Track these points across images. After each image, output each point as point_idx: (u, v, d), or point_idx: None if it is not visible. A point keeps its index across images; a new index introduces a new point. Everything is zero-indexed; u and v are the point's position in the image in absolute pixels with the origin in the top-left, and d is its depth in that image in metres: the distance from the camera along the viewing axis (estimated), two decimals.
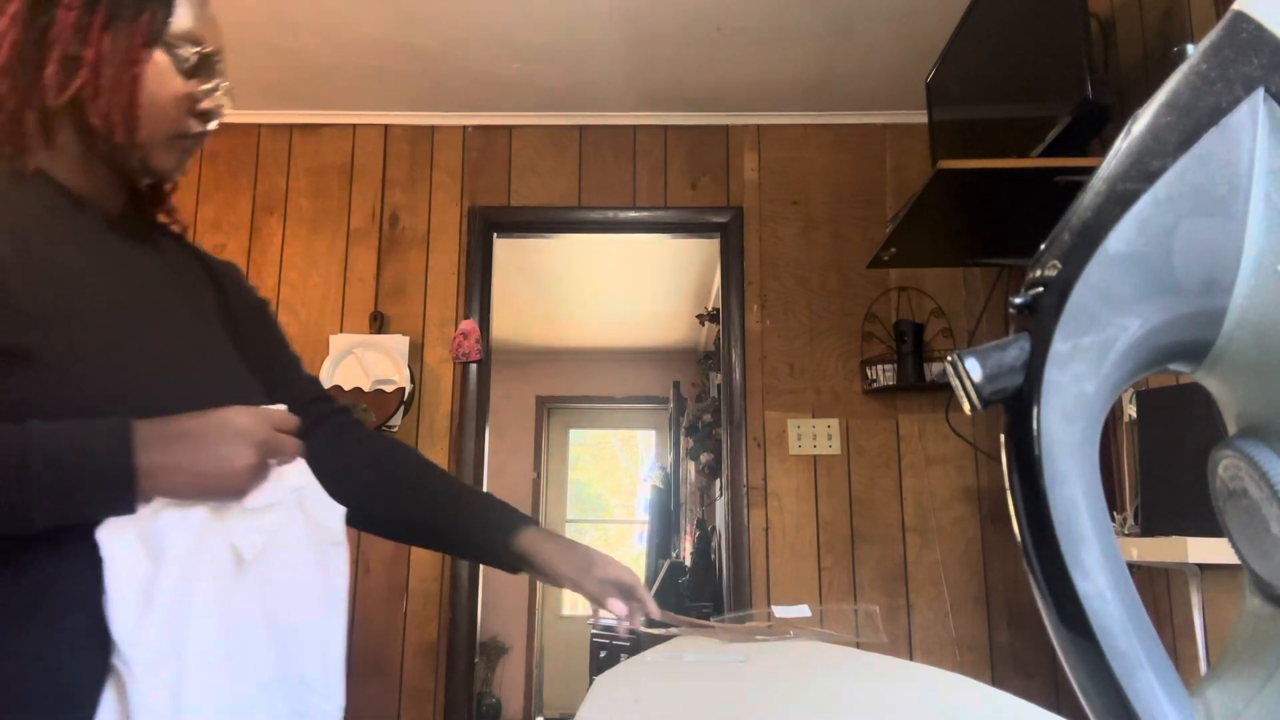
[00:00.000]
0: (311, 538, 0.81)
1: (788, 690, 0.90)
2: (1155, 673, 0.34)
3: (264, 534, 0.75)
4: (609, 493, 7.24)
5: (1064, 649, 0.36)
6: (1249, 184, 0.35)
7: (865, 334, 3.07)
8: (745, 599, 2.91)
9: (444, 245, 3.15)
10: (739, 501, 2.98)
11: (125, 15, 0.82)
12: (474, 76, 2.98)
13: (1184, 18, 1.93)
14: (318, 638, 0.80)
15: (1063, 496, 0.35)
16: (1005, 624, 2.87)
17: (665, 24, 2.69)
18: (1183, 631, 1.91)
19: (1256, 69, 0.35)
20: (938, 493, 2.96)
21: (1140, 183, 0.36)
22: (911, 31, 2.69)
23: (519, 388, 6.32)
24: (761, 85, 3.04)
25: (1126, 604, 0.35)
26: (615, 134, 3.25)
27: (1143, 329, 0.36)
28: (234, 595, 0.72)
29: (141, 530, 0.69)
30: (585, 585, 1.06)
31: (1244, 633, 0.40)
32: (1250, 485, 0.36)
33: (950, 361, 0.37)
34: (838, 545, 2.94)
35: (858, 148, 3.20)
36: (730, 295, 3.13)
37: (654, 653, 1.11)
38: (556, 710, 6.09)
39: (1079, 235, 0.37)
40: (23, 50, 0.80)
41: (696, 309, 5.23)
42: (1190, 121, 0.36)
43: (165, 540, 0.69)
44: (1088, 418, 0.36)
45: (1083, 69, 1.76)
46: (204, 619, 0.70)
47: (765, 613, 1.31)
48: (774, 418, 3.03)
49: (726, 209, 3.18)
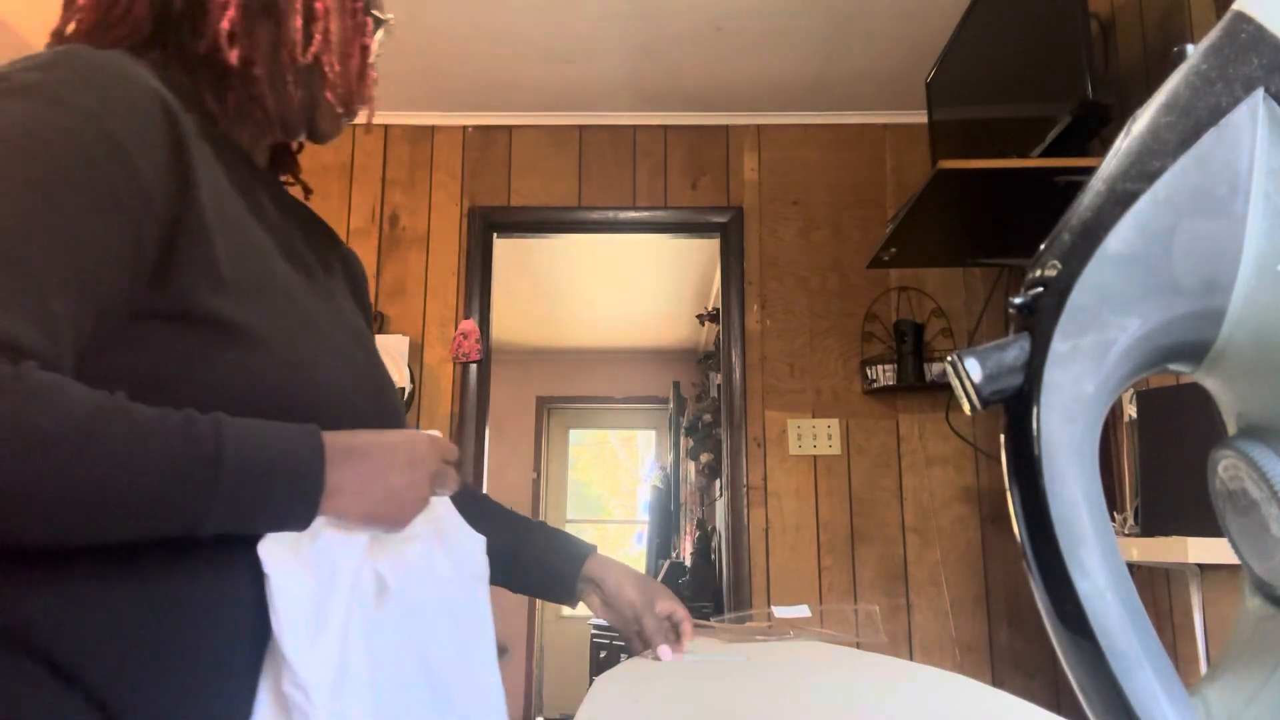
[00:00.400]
0: (454, 570, 0.76)
1: (788, 690, 0.90)
2: (1155, 672, 0.34)
3: (406, 564, 0.70)
4: (609, 493, 7.24)
5: (1064, 649, 0.36)
6: (1249, 184, 0.35)
7: (865, 334, 3.07)
8: (745, 599, 2.91)
9: (444, 245, 3.15)
10: (739, 501, 2.98)
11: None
12: (474, 76, 2.98)
13: (1184, 18, 1.93)
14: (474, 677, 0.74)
15: (1062, 496, 0.35)
16: (1005, 624, 2.87)
17: (665, 24, 2.69)
18: (1183, 631, 1.91)
19: (1256, 69, 0.35)
20: (938, 493, 2.96)
21: (1140, 183, 0.36)
22: (911, 31, 2.69)
23: (519, 388, 6.31)
24: (761, 85, 3.04)
25: (1126, 604, 0.35)
26: (615, 134, 3.25)
27: (1142, 329, 0.36)
28: (378, 625, 0.67)
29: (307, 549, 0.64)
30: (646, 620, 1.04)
31: (1244, 633, 0.40)
32: (1250, 485, 0.36)
33: (950, 361, 0.37)
34: (838, 545, 2.94)
35: (858, 148, 3.20)
36: (730, 295, 3.13)
37: None
38: (556, 710, 6.09)
39: (1079, 235, 0.37)
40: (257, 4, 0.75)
41: (696, 309, 5.23)
42: (1190, 121, 0.36)
43: (333, 562, 0.64)
44: (1087, 418, 0.36)
45: (1083, 69, 1.76)
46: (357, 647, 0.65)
47: (765, 613, 1.32)
48: (774, 418, 3.03)
49: (726, 209, 3.18)
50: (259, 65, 0.75)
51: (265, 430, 0.62)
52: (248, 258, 0.68)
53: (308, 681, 0.60)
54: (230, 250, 0.66)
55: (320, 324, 0.74)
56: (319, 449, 0.63)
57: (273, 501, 0.61)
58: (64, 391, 0.54)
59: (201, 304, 0.64)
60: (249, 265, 0.68)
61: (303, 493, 0.62)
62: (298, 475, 0.62)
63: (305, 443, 0.63)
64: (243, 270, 0.67)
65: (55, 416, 0.53)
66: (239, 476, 0.59)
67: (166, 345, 0.63)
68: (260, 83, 0.76)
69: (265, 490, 0.60)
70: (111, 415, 0.55)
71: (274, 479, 0.61)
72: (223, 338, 0.64)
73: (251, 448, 0.60)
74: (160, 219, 0.62)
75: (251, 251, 0.69)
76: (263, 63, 0.76)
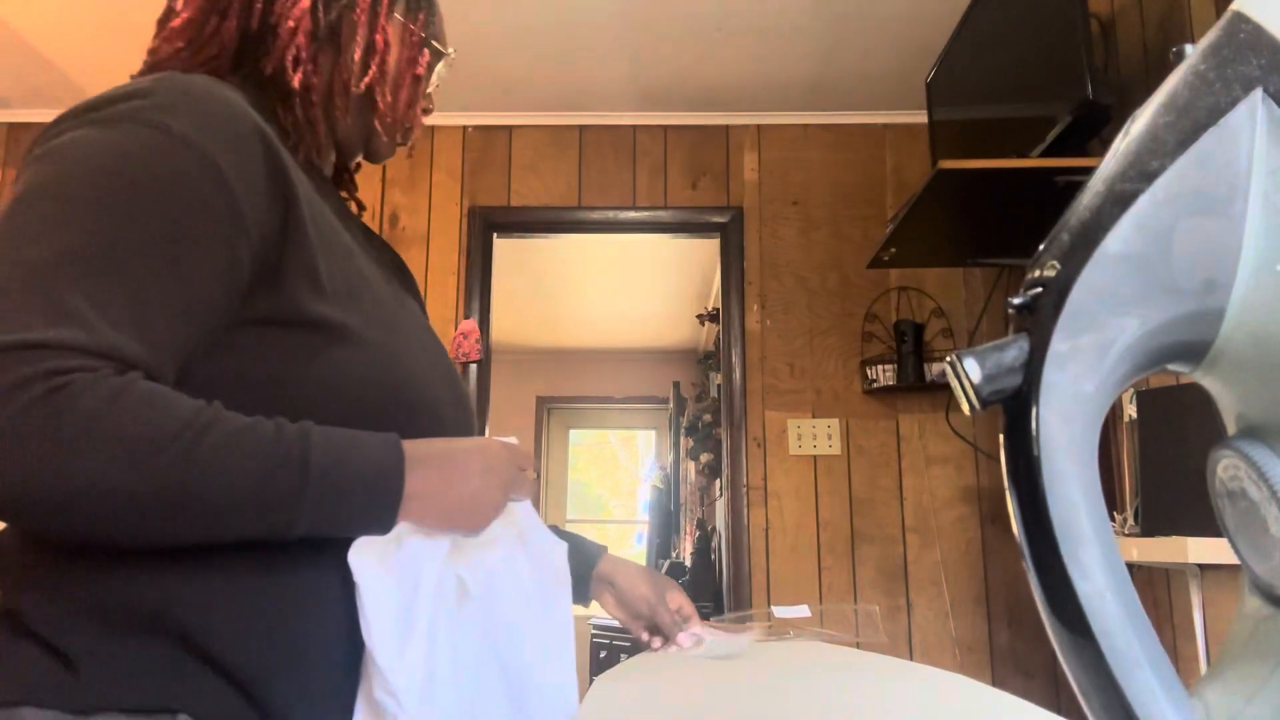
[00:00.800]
0: (535, 576, 0.76)
1: (788, 690, 0.90)
2: (1154, 672, 0.34)
3: (488, 568, 0.71)
4: (609, 493, 7.24)
5: (1063, 649, 0.36)
6: (1248, 184, 0.35)
7: (865, 334, 3.07)
8: (745, 599, 2.91)
9: (444, 245, 3.15)
10: (739, 501, 2.98)
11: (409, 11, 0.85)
12: (474, 76, 2.98)
13: (1184, 18, 1.93)
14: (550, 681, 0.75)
15: (1062, 496, 0.35)
16: (1005, 624, 2.87)
17: (665, 24, 2.69)
18: (1183, 631, 1.91)
19: (1255, 69, 0.35)
20: (938, 493, 2.96)
21: (1139, 183, 0.36)
22: (911, 31, 2.69)
23: (519, 388, 6.31)
24: (761, 85, 3.04)
25: (1125, 604, 0.35)
26: (615, 134, 3.25)
27: (1141, 329, 0.36)
28: (460, 628, 0.69)
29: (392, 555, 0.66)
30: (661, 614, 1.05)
31: (1243, 633, 0.40)
32: (1249, 485, 0.36)
33: (950, 362, 0.37)
34: (838, 545, 2.94)
35: (858, 148, 3.20)
36: (730, 295, 3.13)
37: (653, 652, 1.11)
38: None
39: (1078, 235, 0.37)
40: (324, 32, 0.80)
41: (696, 309, 5.22)
42: (1189, 121, 0.36)
43: (418, 568, 0.66)
44: (1087, 418, 0.36)
45: (1083, 69, 1.76)
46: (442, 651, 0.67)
47: (765, 613, 1.32)
48: (774, 418, 3.03)
49: (726, 209, 3.18)
50: (316, 90, 0.80)
51: (349, 438, 0.65)
52: (341, 264, 0.73)
53: (398, 687, 0.63)
54: (327, 259, 0.71)
55: (402, 323, 0.78)
56: (400, 456, 0.66)
57: (357, 505, 0.64)
58: (167, 399, 0.59)
59: (306, 308, 0.68)
60: (343, 271, 0.73)
61: (385, 498, 0.65)
62: (380, 481, 0.65)
63: (387, 450, 0.66)
64: (338, 276, 0.72)
65: (160, 423, 0.57)
66: (325, 481, 0.62)
67: (274, 346, 0.68)
68: (315, 106, 0.80)
69: (350, 495, 0.63)
70: (209, 422, 0.60)
71: (358, 484, 0.64)
72: (326, 337, 0.69)
73: (337, 454, 0.63)
74: (257, 238, 0.66)
75: (343, 258, 0.74)
76: (320, 88, 0.81)
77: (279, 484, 0.60)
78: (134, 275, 0.60)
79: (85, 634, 0.62)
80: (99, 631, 0.62)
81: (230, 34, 0.78)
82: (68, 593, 0.63)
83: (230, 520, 0.60)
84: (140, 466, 0.56)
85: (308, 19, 0.78)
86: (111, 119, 0.64)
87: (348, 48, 0.81)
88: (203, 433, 0.59)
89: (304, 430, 0.63)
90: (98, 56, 2.90)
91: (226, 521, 0.60)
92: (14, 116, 3.23)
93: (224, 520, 0.60)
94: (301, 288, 0.68)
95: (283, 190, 0.68)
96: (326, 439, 0.63)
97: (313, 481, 0.61)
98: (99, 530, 0.58)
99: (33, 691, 0.61)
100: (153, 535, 0.59)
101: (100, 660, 0.61)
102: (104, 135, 0.63)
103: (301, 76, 0.78)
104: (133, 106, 0.64)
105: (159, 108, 0.64)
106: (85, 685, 0.61)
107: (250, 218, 0.66)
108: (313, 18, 0.79)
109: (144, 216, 0.61)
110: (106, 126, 0.63)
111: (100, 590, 0.63)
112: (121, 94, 0.65)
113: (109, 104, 0.65)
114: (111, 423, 0.56)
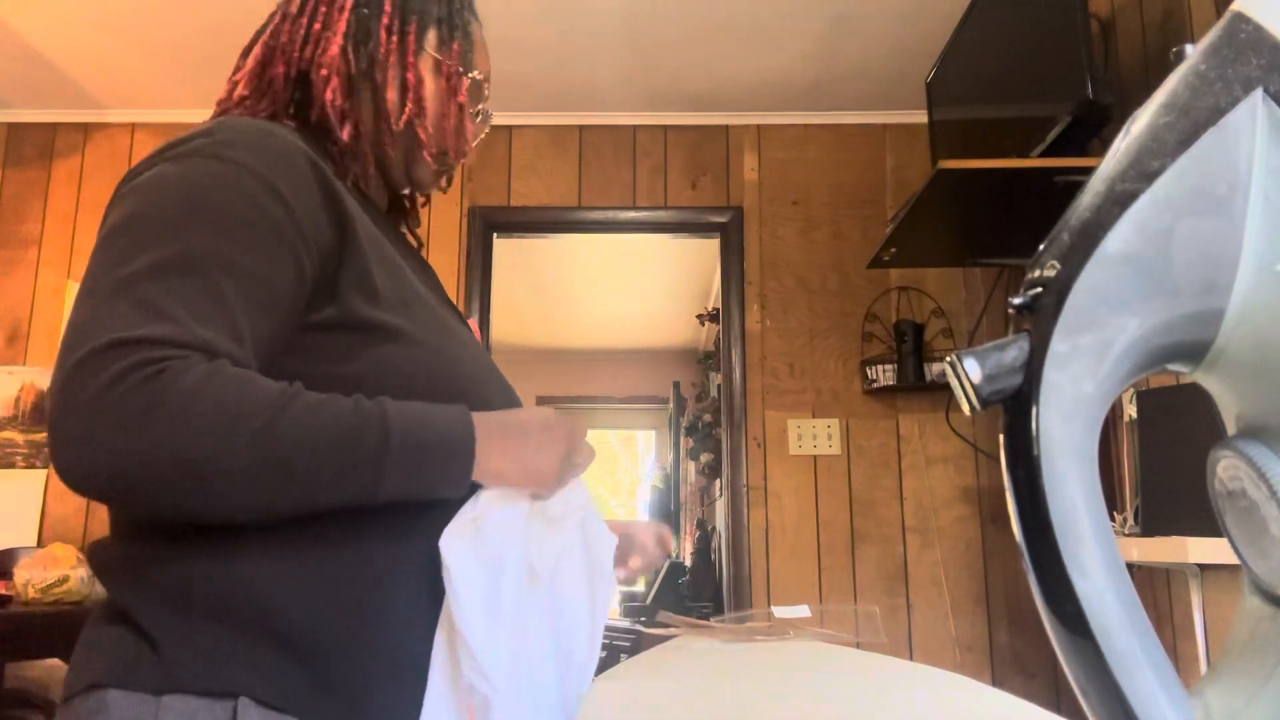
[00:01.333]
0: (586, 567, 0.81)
1: (788, 690, 0.90)
2: (1154, 672, 0.34)
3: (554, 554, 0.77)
4: (609, 493, 7.24)
5: (1063, 649, 0.36)
6: (1248, 184, 0.35)
7: (865, 334, 3.07)
8: (745, 599, 2.91)
9: (444, 245, 3.15)
10: (739, 501, 2.98)
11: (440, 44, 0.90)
12: None
13: (1184, 18, 1.93)
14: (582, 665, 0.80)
15: (1062, 496, 0.35)
16: (1005, 624, 2.87)
17: (665, 24, 2.69)
18: (1183, 631, 1.91)
19: (1255, 69, 0.35)
20: (938, 493, 2.96)
21: (1139, 183, 0.36)
22: (911, 31, 2.69)
23: (519, 388, 6.16)
24: (761, 85, 3.04)
25: (1125, 604, 0.35)
26: (615, 134, 3.25)
27: (1141, 329, 0.36)
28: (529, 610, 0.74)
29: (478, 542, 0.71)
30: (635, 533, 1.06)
31: (1243, 633, 0.40)
32: (1249, 485, 0.36)
33: (950, 362, 0.37)
34: (838, 545, 2.94)
35: (858, 148, 3.20)
36: (730, 295, 3.13)
37: (654, 652, 1.11)
38: None
39: (1078, 235, 0.37)
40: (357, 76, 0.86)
41: (696, 309, 5.23)
42: (1189, 121, 0.36)
43: (501, 553, 0.72)
44: (1087, 418, 0.36)
45: (1083, 69, 1.76)
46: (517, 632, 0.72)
47: (765, 613, 1.32)
48: (774, 418, 3.02)
49: (726, 209, 3.18)
50: (360, 128, 0.87)
51: (420, 407, 0.71)
52: (393, 278, 0.80)
53: (488, 667, 0.67)
54: (381, 272, 0.78)
55: (453, 328, 0.85)
56: (469, 418, 0.72)
57: (435, 467, 0.69)
58: (255, 379, 0.65)
59: (363, 314, 0.75)
60: (395, 284, 0.79)
61: (461, 450, 0.70)
62: (455, 434, 0.71)
63: (458, 417, 0.72)
64: (391, 288, 0.78)
65: (254, 395, 0.64)
66: (407, 439, 0.67)
67: (333, 346, 0.74)
68: (363, 140, 0.87)
69: (429, 452, 0.69)
70: (296, 393, 0.66)
71: (435, 441, 0.69)
72: (383, 338, 0.76)
73: (413, 417, 0.69)
74: (316, 248, 0.74)
75: (395, 273, 0.80)
76: (364, 127, 0.87)
77: (364, 444, 0.66)
78: (214, 280, 0.67)
79: (167, 618, 0.67)
80: (178, 615, 0.67)
81: (280, 81, 0.86)
82: (152, 579, 0.69)
83: (321, 481, 0.65)
84: (238, 434, 0.62)
85: (340, 62, 0.85)
86: (181, 155, 0.73)
87: (383, 89, 0.87)
88: (291, 400, 0.65)
89: (380, 401, 0.69)
90: (98, 56, 2.90)
91: (318, 482, 0.65)
92: (14, 117, 3.23)
93: (316, 480, 0.65)
94: (358, 297, 0.75)
95: (336, 211, 0.76)
96: (400, 407, 0.69)
97: (394, 440, 0.66)
98: (205, 500, 0.63)
99: (119, 674, 0.67)
100: (250, 501, 0.64)
101: (178, 643, 0.67)
102: (177, 169, 0.72)
103: (341, 117, 0.85)
104: (199, 144, 0.73)
105: (221, 143, 0.73)
106: (165, 667, 0.66)
107: (309, 230, 0.73)
108: (344, 61, 0.86)
109: (219, 231, 0.69)
110: (178, 162, 0.72)
111: (180, 574, 0.68)
112: (189, 136, 0.75)
113: (180, 144, 0.74)
114: (210, 397, 0.62)
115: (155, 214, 0.69)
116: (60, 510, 3.00)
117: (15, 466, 3.04)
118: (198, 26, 2.71)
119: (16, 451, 3.06)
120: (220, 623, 0.67)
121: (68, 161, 3.23)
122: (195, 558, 0.69)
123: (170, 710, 0.65)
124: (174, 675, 0.66)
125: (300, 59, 0.86)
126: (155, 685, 0.65)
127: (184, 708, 0.65)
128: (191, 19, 2.68)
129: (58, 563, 2.20)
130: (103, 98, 3.16)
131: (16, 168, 3.22)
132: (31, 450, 3.05)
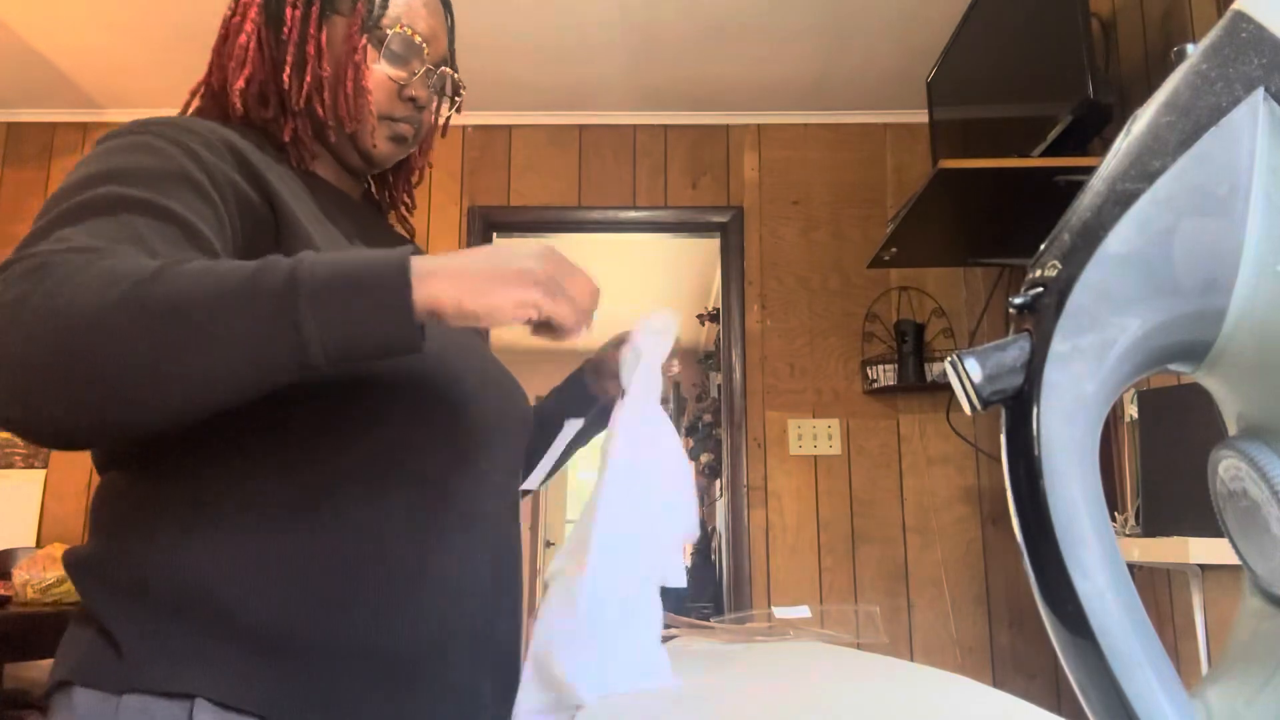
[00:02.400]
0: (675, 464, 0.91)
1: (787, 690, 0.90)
2: (1155, 673, 0.34)
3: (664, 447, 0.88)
4: None
5: (1064, 649, 0.36)
6: (1249, 183, 0.35)
7: (866, 334, 3.07)
8: (745, 599, 2.91)
9: (444, 245, 3.15)
10: (739, 502, 2.98)
11: (342, 7, 0.87)
12: (474, 76, 2.97)
13: (1185, 17, 1.93)
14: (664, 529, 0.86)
15: (1063, 496, 0.35)
16: (1006, 624, 2.87)
17: (665, 24, 2.69)
18: (1184, 632, 1.91)
19: (1256, 68, 0.35)
20: (938, 493, 2.96)
21: (1140, 183, 0.36)
22: (912, 31, 2.69)
23: None
24: (761, 85, 3.04)
25: (1126, 604, 0.35)
26: (615, 134, 3.24)
27: (1142, 329, 0.36)
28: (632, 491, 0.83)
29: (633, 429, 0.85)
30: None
31: (1244, 633, 0.40)
32: (1250, 485, 0.36)
33: (950, 362, 0.37)
34: (838, 545, 2.94)
35: (858, 147, 3.20)
36: (730, 295, 3.12)
37: None
38: None
39: (1078, 235, 0.37)
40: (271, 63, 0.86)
41: (696, 309, 5.22)
42: (1190, 121, 0.36)
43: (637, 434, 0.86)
44: (1087, 418, 0.36)
45: (1084, 68, 1.76)
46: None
47: (765, 613, 1.31)
48: (774, 418, 3.02)
49: (726, 209, 3.18)
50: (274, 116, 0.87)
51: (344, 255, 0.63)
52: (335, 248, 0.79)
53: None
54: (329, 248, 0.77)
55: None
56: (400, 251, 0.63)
57: (362, 295, 0.60)
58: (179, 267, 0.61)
59: None
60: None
61: (388, 284, 0.61)
62: (380, 264, 0.61)
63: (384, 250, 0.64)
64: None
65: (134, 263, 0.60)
66: (316, 273, 0.60)
67: None
68: (284, 130, 0.87)
69: (350, 283, 0.60)
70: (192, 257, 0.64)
71: (358, 271, 0.61)
72: None
73: (328, 261, 0.61)
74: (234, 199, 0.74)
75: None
76: (276, 114, 0.87)
77: (266, 278, 0.59)
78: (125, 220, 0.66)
79: (129, 617, 0.68)
80: (140, 614, 0.68)
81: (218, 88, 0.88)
82: (112, 577, 0.69)
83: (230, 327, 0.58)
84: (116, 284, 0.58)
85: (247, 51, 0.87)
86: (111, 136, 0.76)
87: (279, 70, 0.86)
88: (185, 260, 0.61)
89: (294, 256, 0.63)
90: (97, 56, 2.90)
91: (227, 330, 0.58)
92: (14, 116, 3.23)
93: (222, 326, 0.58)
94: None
95: (259, 185, 0.76)
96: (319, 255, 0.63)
97: (303, 271, 0.60)
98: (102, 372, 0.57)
99: (84, 673, 0.67)
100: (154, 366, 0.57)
101: (138, 642, 0.67)
102: (104, 145, 0.75)
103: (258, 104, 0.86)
104: (128, 127, 0.77)
105: (145, 126, 0.76)
106: (126, 666, 0.66)
107: (222, 180, 0.74)
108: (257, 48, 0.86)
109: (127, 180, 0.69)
110: (107, 141, 0.75)
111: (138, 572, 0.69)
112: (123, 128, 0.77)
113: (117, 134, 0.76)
114: (91, 269, 0.59)
115: (70, 182, 0.70)
116: (59, 510, 3.00)
117: (15, 466, 3.04)
118: (197, 26, 2.71)
119: (16, 451, 3.06)
120: (179, 620, 0.67)
121: (67, 161, 3.23)
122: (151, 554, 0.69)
123: (128, 709, 0.65)
124: (134, 675, 0.66)
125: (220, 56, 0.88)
126: (116, 684, 0.66)
127: (141, 707, 0.65)
128: (191, 19, 2.68)
129: (57, 563, 2.20)
130: (102, 97, 3.16)
131: (16, 167, 3.22)
132: (31, 450, 3.06)
